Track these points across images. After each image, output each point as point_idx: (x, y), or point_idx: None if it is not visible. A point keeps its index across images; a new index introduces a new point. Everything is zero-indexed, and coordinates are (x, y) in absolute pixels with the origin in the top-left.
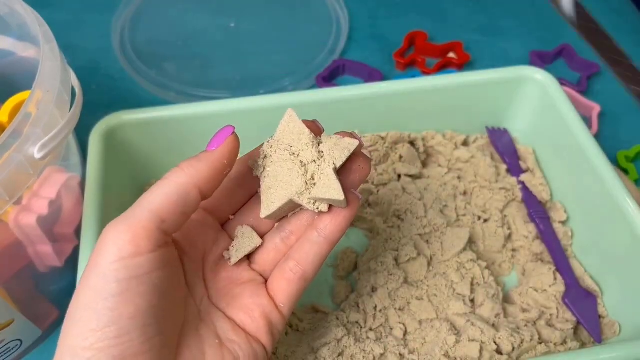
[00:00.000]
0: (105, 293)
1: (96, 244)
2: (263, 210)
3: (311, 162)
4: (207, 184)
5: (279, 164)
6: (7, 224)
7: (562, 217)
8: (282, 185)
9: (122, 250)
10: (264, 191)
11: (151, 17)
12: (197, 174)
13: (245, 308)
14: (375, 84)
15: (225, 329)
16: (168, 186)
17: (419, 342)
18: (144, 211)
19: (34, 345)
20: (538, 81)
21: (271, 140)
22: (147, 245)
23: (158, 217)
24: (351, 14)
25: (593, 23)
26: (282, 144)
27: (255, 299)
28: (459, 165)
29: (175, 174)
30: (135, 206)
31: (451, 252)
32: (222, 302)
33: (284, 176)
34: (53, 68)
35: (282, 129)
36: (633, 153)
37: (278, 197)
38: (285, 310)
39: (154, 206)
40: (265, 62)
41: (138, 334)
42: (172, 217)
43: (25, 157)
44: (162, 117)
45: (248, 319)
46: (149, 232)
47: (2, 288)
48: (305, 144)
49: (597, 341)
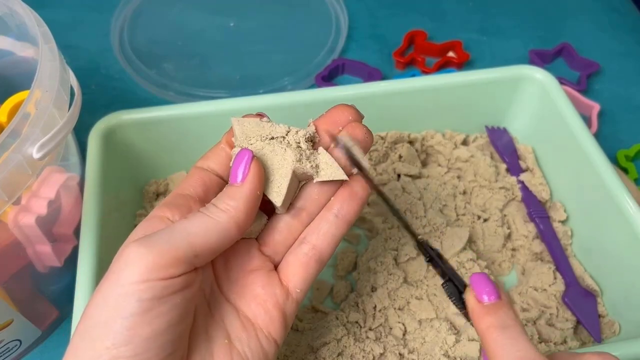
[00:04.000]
0: (124, 312)
1: (118, 259)
2: (275, 199)
3: (285, 134)
4: (246, 220)
5: (259, 154)
6: (6, 224)
7: (561, 217)
8: (276, 167)
9: (150, 272)
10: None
11: (150, 17)
12: (236, 213)
13: (257, 298)
14: (375, 83)
15: (235, 326)
16: (209, 223)
17: (419, 341)
18: (182, 242)
19: (34, 345)
20: (538, 80)
21: (235, 149)
22: (176, 272)
23: (193, 252)
24: (350, 13)
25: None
26: (248, 140)
27: (268, 288)
28: (458, 165)
29: (216, 214)
30: (172, 233)
31: (451, 252)
32: (232, 292)
33: (272, 159)
34: (52, 68)
35: (239, 131)
36: (633, 152)
37: (280, 177)
38: (301, 296)
39: (193, 240)
40: (265, 61)
41: (153, 354)
42: (206, 254)
43: (24, 157)
44: (162, 117)
45: (261, 310)
46: (180, 262)
47: (2, 288)
48: (269, 126)
49: (596, 340)
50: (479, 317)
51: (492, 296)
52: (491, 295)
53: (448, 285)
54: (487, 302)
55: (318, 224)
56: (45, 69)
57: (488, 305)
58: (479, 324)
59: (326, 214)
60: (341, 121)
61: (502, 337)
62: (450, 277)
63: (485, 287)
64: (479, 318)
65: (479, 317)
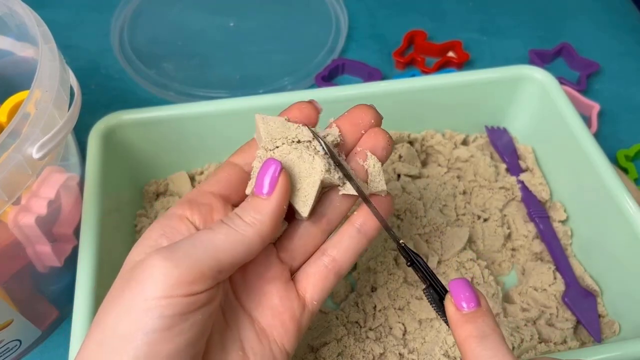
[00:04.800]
0: (146, 327)
1: (142, 269)
2: (302, 209)
3: (312, 138)
4: (272, 234)
5: (286, 160)
6: (6, 224)
7: (561, 217)
8: (304, 176)
9: (174, 288)
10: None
11: (150, 17)
12: (262, 227)
13: (274, 310)
14: (375, 83)
15: (250, 337)
16: (235, 237)
17: (419, 341)
18: (207, 257)
19: (34, 346)
20: (537, 80)
21: (259, 150)
22: (200, 289)
23: (218, 267)
24: (350, 13)
25: None
26: (273, 141)
27: (285, 300)
28: (458, 165)
29: (242, 228)
30: (197, 246)
31: (451, 252)
32: (248, 300)
33: (299, 166)
34: (52, 68)
35: (264, 131)
36: (633, 152)
37: (308, 187)
38: (316, 308)
39: (218, 255)
40: (265, 61)
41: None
42: (230, 268)
43: (24, 157)
44: (162, 117)
45: (277, 322)
46: (205, 278)
47: (1, 288)
48: (295, 127)
49: (596, 340)
50: (457, 325)
51: (472, 303)
52: (470, 302)
53: (428, 291)
54: (466, 309)
55: (340, 237)
56: (45, 69)
57: (467, 313)
58: (458, 333)
59: (349, 228)
60: (363, 123)
61: (481, 347)
62: (431, 282)
63: (463, 293)
64: (457, 327)
65: (458, 325)
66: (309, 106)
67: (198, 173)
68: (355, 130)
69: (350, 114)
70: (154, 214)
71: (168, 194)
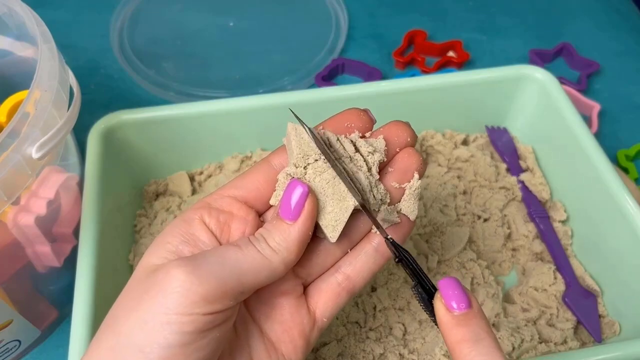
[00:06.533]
0: (164, 341)
1: (164, 278)
2: (330, 234)
3: (353, 153)
4: (295, 260)
5: (317, 181)
6: (6, 224)
7: (562, 217)
8: (337, 200)
9: (196, 305)
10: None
11: (150, 17)
12: (287, 255)
13: (284, 325)
14: (375, 83)
15: (259, 350)
16: (261, 263)
17: (419, 341)
18: (232, 278)
19: (33, 346)
20: (538, 80)
21: (289, 167)
22: (221, 308)
23: (241, 289)
24: (350, 12)
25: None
26: (305, 159)
27: (296, 316)
28: (458, 165)
29: (268, 253)
30: (223, 266)
31: (451, 252)
32: (259, 311)
33: (333, 187)
34: (51, 68)
35: (296, 146)
36: (633, 152)
37: (340, 211)
38: (326, 325)
39: (243, 278)
40: (264, 61)
41: None
42: (251, 291)
43: (23, 157)
44: (161, 117)
45: (286, 337)
46: (227, 298)
47: (1, 288)
48: (336, 141)
49: (597, 340)
50: (448, 328)
51: (462, 303)
52: (461, 302)
53: (417, 289)
54: (456, 310)
55: (356, 254)
56: (44, 69)
57: (458, 316)
58: (449, 336)
59: (366, 246)
60: (399, 141)
61: (476, 352)
62: (419, 280)
63: (454, 292)
64: (448, 329)
65: (448, 328)
66: (366, 115)
67: (198, 173)
68: (389, 148)
69: (388, 128)
70: (153, 214)
71: (168, 194)
